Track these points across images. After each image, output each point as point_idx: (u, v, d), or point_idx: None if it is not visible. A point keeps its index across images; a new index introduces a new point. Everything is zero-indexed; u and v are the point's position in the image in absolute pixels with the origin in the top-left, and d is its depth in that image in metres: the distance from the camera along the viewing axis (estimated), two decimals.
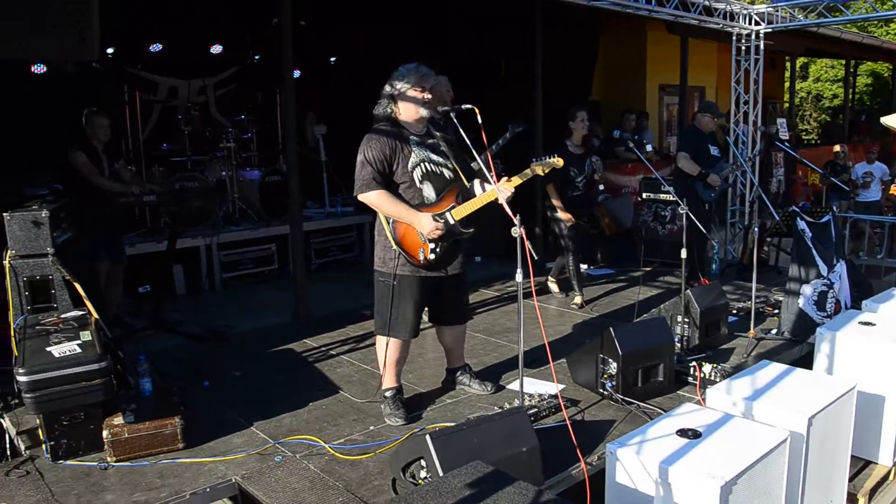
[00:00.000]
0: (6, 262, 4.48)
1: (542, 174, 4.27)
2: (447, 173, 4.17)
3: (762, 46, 9.44)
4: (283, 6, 6.09)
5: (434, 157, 4.15)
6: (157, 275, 7.12)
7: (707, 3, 8.58)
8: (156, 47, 9.15)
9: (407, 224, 4.06)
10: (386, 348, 4.27)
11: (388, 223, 4.10)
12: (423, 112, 4.13)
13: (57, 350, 3.83)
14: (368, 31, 10.19)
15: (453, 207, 4.11)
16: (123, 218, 6.81)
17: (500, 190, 3.98)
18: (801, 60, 23.98)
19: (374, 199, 4.01)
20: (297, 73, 8.46)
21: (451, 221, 4.09)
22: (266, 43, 10.03)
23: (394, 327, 4.21)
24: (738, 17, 9.23)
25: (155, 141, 9.11)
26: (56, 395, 3.72)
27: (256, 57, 10.20)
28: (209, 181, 8.23)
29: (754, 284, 5.80)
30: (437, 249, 4.10)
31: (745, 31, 9.40)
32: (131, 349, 5.16)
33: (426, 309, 4.58)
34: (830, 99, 28.70)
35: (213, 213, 8.02)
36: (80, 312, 4.43)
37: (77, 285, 4.50)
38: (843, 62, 20.79)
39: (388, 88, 4.16)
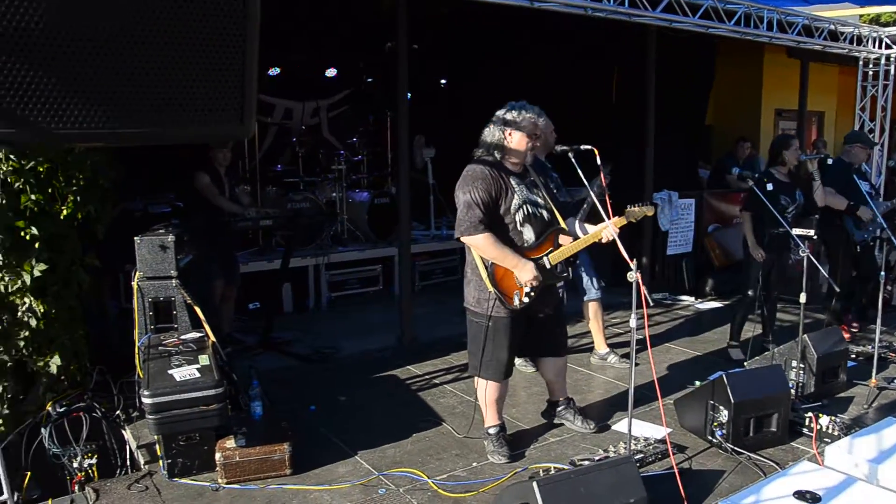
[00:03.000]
0: (134, 284, 4.74)
1: (635, 221, 4.15)
2: (546, 215, 4.14)
3: (892, 71, 8.98)
4: (399, 30, 6.19)
5: (534, 198, 4.12)
6: (268, 293, 7.37)
7: (832, 27, 8.23)
8: (274, 71, 9.50)
9: (507, 268, 4.02)
10: (483, 389, 4.27)
11: (486, 265, 4.03)
12: (529, 159, 4.14)
13: (178, 373, 4.02)
14: (478, 55, 10.29)
15: (551, 251, 4.07)
16: (238, 238, 7.08)
17: (607, 231, 3.97)
18: None
19: (480, 242, 3.95)
20: (408, 96, 8.62)
21: (548, 266, 4.06)
22: (378, 66, 10.29)
23: (486, 368, 4.18)
24: (867, 41, 8.82)
25: (269, 161, 9.44)
26: (176, 418, 3.90)
27: (369, 80, 10.44)
28: (320, 202, 8.46)
29: (878, 328, 5.48)
30: (532, 293, 4.05)
31: (873, 56, 8.97)
32: (242, 367, 5.34)
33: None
34: None
35: (323, 234, 8.24)
36: (199, 334, 4.64)
37: (197, 308, 4.71)
38: None
39: (495, 134, 4.08)
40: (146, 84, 1.47)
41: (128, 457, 4.48)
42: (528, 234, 4.07)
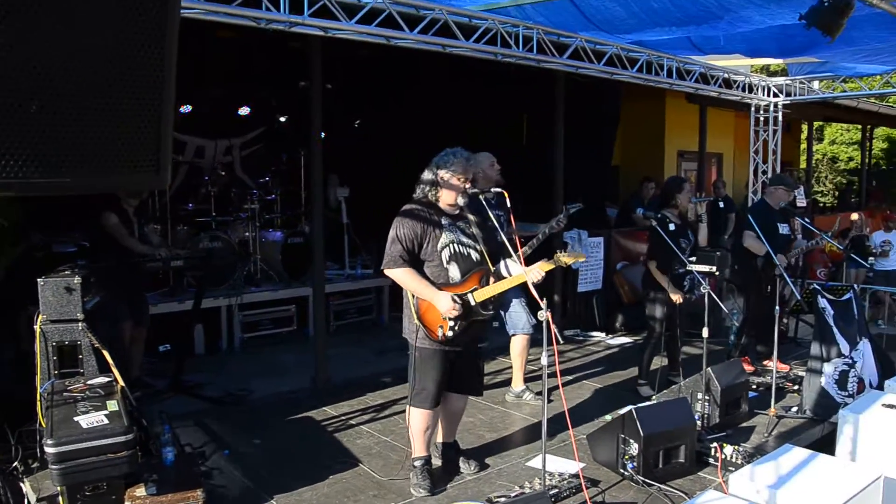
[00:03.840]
0: (37, 327, 4.56)
1: (565, 266, 4.31)
2: (474, 255, 4.26)
3: (780, 117, 9.57)
4: (314, 69, 6.24)
5: (464, 238, 4.25)
6: (179, 335, 7.19)
7: (726, 75, 8.74)
8: (185, 108, 9.38)
9: (426, 303, 4.14)
10: (413, 418, 4.32)
11: (413, 298, 4.20)
12: (461, 200, 4.26)
13: (84, 420, 3.86)
14: (392, 94, 10.43)
15: (475, 289, 4.18)
16: (148, 279, 6.90)
17: (530, 274, 4.09)
18: (816, 123, 24.18)
19: (400, 275, 4.14)
20: (321, 135, 8.64)
21: (473, 303, 4.17)
22: (292, 105, 10.28)
23: (415, 397, 4.27)
24: (757, 90, 9.40)
25: (180, 200, 9.26)
26: (82, 467, 3.73)
27: (282, 119, 10.41)
28: (233, 242, 8.34)
29: (774, 362, 5.79)
30: (456, 327, 4.16)
31: (763, 103, 9.54)
32: (152, 411, 5.18)
33: None
34: (846, 161, 28.81)
35: (236, 274, 8.11)
36: (107, 379, 4.48)
37: (105, 352, 4.55)
38: (860, 126, 20.94)
39: (429, 175, 4.26)
40: (60, 134, 1.46)
41: None
42: (454, 273, 4.19)
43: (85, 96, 1.44)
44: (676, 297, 5.98)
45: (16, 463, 4.51)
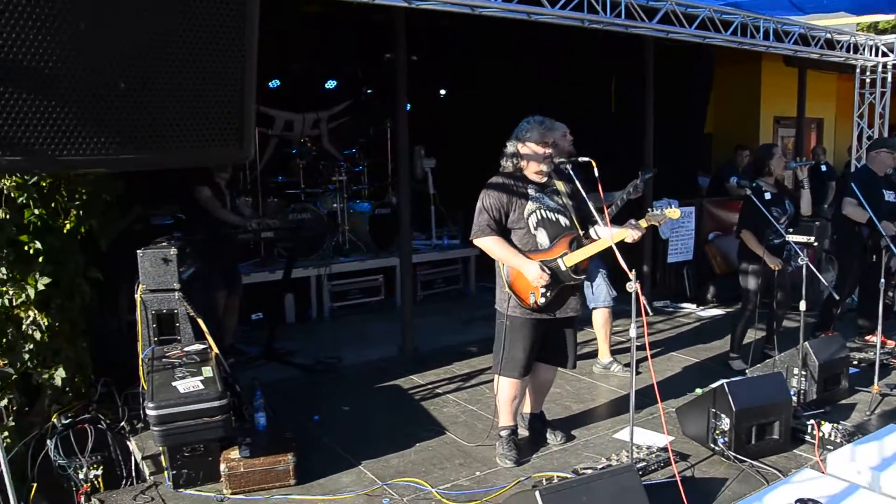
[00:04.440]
0: (138, 297, 4.77)
1: (659, 223, 4.24)
2: (563, 220, 4.21)
3: (889, 78, 9.02)
4: (398, 42, 6.25)
5: (551, 203, 4.22)
6: (270, 304, 7.39)
7: (829, 35, 8.27)
8: (273, 83, 9.55)
9: (518, 269, 4.12)
10: (501, 387, 4.34)
11: (503, 267, 4.21)
12: (545, 167, 4.21)
13: (182, 385, 4.03)
14: (477, 64, 10.35)
15: (566, 254, 4.12)
16: (240, 249, 7.10)
17: (626, 233, 4.09)
18: None
19: (488, 244, 4.16)
20: (407, 107, 8.67)
21: (563, 268, 4.12)
22: (378, 77, 10.35)
23: (505, 366, 4.28)
24: (863, 49, 8.86)
25: (270, 173, 9.48)
26: (180, 430, 3.91)
27: (368, 91, 10.49)
28: (321, 213, 8.49)
29: (879, 335, 5.52)
30: (548, 294, 4.14)
31: (869, 63, 9.01)
32: (245, 378, 5.36)
33: None
34: None
35: (325, 244, 8.26)
36: (202, 346, 4.66)
37: (200, 321, 4.73)
38: None
39: (510, 147, 4.24)
40: (148, 111, 1.50)
41: (133, 468, 4.50)
42: (542, 238, 4.17)
43: (170, 75, 1.48)
44: (775, 265, 5.73)
45: (122, 423, 4.76)
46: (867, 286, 6.61)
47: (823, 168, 10.34)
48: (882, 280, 5.41)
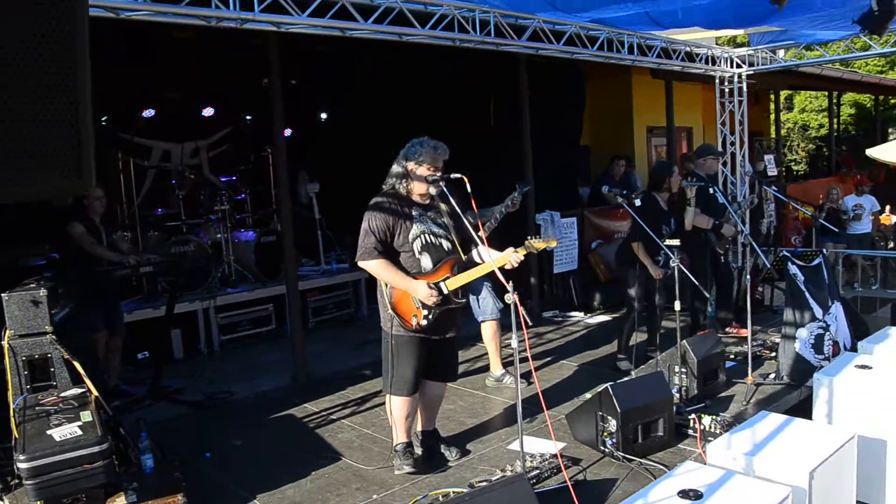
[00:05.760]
0: (5, 343, 4.50)
1: (537, 251, 4.35)
2: (446, 244, 4.27)
3: (745, 88, 9.61)
4: (273, 67, 6.21)
5: (435, 228, 4.26)
6: (156, 341, 7.13)
7: (688, 49, 8.75)
8: (149, 113, 9.27)
9: (401, 292, 4.15)
10: (392, 405, 4.36)
11: (386, 288, 4.23)
12: (433, 189, 4.26)
13: (58, 433, 3.83)
14: (357, 86, 10.36)
15: (448, 278, 4.18)
16: (120, 287, 6.83)
17: (506, 258, 4.16)
18: (784, 93, 24.36)
19: (374, 266, 4.15)
20: (288, 132, 8.58)
21: (445, 291, 4.18)
22: (257, 103, 10.20)
23: (394, 385, 4.31)
24: (720, 61, 9.43)
25: (149, 206, 9.18)
26: (58, 480, 3.70)
27: (248, 118, 10.33)
28: (204, 244, 8.28)
29: (749, 331, 5.84)
30: (430, 316, 4.20)
31: (727, 74, 9.58)
32: (131, 420, 5.15)
33: None
34: (817, 129, 29.03)
35: (209, 276, 8.06)
36: (80, 390, 4.43)
37: (76, 363, 4.51)
38: (827, 93, 21.11)
39: (398, 168, 4.26)
40: None
41: None
42: (426, 262, 4.21)
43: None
44: (657, 274, 6.10)
45: None
46: (721, 284, 7.20)
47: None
48: (748, 277, 5.75)
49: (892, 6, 4.93)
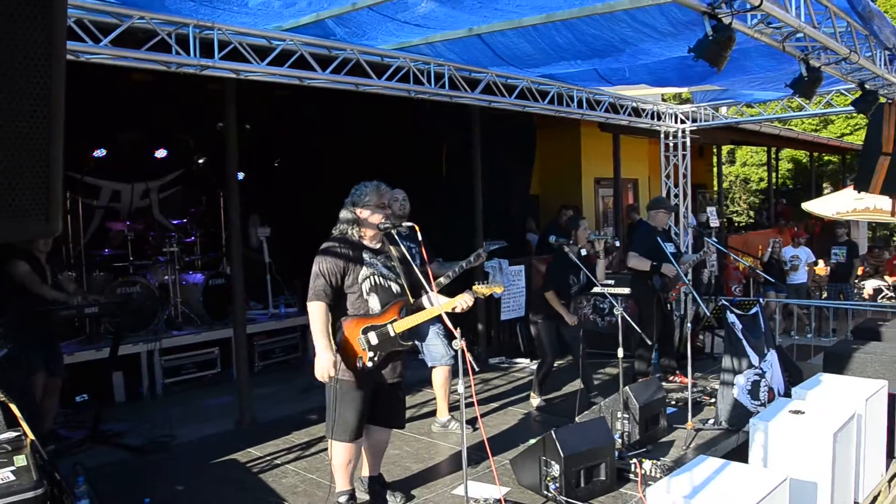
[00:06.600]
0: None
1: (483, 297, 4.41)
2: (395, 287, 4.33)
3: (689, 142, 9.96)
4: (228, 112, 6.27)
5: (384, 271, 4.32)
6: (97, 383, 6.99)
7: (635, 104, 9.07)
8: (100, 152, 9.20)
9: (347, 333, 4.20)
10: (335, 451, 4.33)
11: (338, 331, 4.23)
12: (382, 231, 4.33)
13: None
14: (312, 132, 10.46)
15: (395, 320, 4.23)
16: (63, 327, 6.71)
17: (455, 302, 4.23)
18: (727, 147, 25.21)
19: (312, 309, 4.18)
20: (240, 176, 8.59)
21: (392, 334, 4.22)
22: (211, 146, 10.21)
23: (336, 430, 4.27)
24: (665, 117, 9.78)
25: (97, 246, 9.05)
26: None
27: (201, 160, 10.32)
28: (152, 286, 8.19)
29: (690, 378, 5.98)
30: (376, 358, 4.22)
31: (672, 129, 9.93)
32: (68, 464, 5.02)
33: None
34: (757, 182, 30.10)
35: (155, 318, 7.96)
36: (15, 434, 4.32)
37: (12, 406, 4.41)
38: (766, 149, 21.94)
39: (347, 214, 4.32)
40: None
41: None
42: (374, 304, 4.25)
43: None
44: (572, 321, 6.43)
45: None
46: (665, 332, 7.38)
47: (617, 244, 11.13)
48: (689, 325, 5.92)
49: (819, 73, 5.25)
